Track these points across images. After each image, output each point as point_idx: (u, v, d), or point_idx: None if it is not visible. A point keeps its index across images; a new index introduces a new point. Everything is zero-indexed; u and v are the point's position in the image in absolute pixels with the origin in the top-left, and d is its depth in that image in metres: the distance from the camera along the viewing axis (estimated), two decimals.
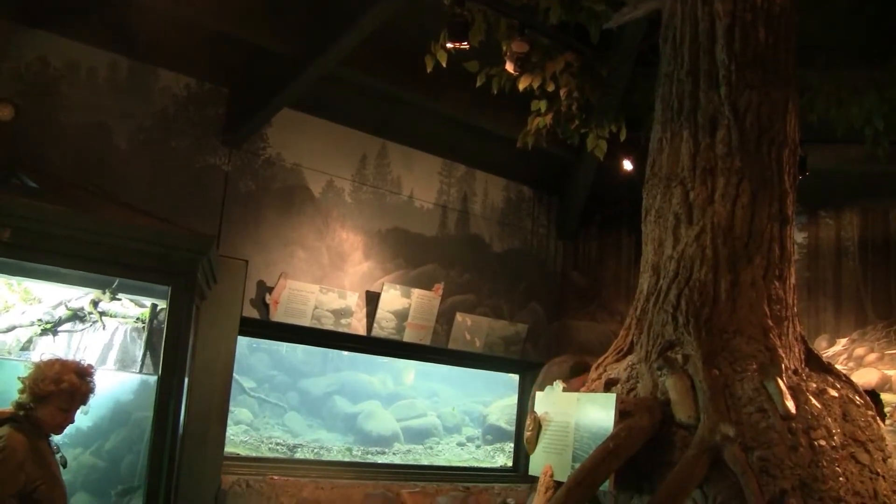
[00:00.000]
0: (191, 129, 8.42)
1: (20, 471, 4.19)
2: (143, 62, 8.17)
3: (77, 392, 4.49)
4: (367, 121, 9.61)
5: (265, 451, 11.68)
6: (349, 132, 9.55)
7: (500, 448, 12.95)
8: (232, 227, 8.58)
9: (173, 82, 8.34)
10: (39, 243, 6.21)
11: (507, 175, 10.86)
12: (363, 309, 9.42)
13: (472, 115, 9.47)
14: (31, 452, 4.30)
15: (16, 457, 4.20)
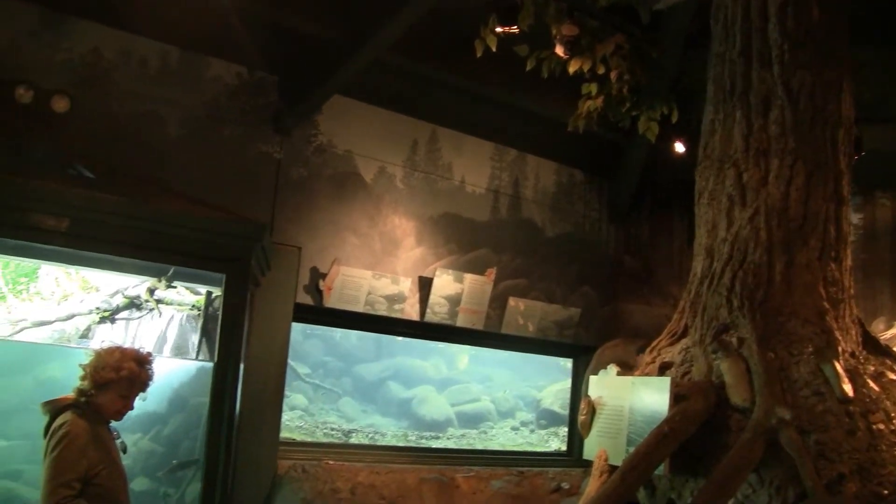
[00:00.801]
0: (242, 118, 8.46)
1: (83, 456, 4.25)
2: (194, 51, 8.22)
3: (136, 379, 4.55)
4: (418, 106, 9.60)
5: (320, 436, 11.76)
6: (399, 118, 9.55)
7: (554, 432, 12.93)
8: (285, 215, 8.63)
9: (224, 71, 8.38)
10: (96, 233, 6.28)
11: (559, 159, 10.81)
12: (416, 294, 9.44)
13: (523, 100, 9.44)
14: (92, 438, 4.37)
15: (78, 442, 4.27)
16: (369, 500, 8.45)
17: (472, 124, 9.99)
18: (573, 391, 11.22)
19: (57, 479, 4.16)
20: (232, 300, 6.86)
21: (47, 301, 8.32)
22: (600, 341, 10.37)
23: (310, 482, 8.30)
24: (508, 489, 9.42)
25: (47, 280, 8.40)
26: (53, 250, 6.68)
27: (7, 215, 6.00)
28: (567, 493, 9.62)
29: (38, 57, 7.41)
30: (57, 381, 8.53)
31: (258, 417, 8.06)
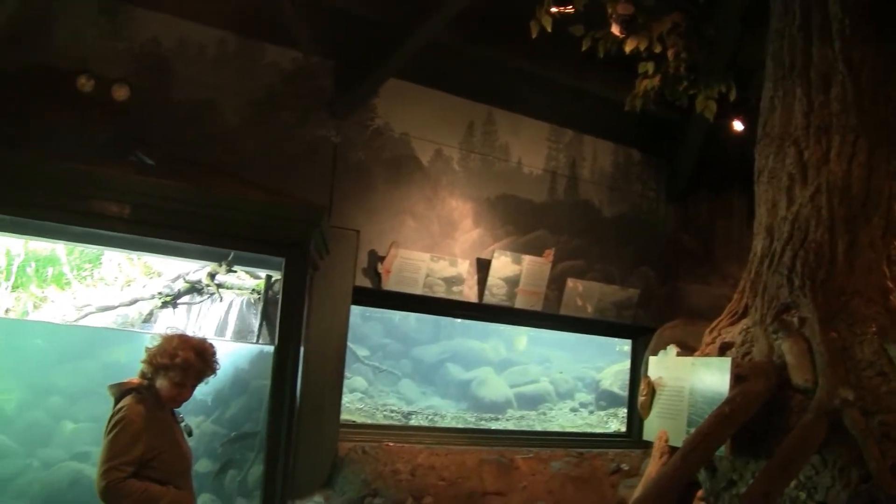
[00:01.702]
0: (299, 103, 8.50)
1: (138, 440, 4.31)
2: (250, 38, 8.27)
3: (191, 368, 4.58)
4: (474, 88, 9.58)
5: (380, 418, 11.84)
6: (455, 100, 9.54)
7: (614, 413, 12.90)
8: (343, 198, 8.67)
9: (280, 56, 8.43)
10: (157, 219, 6.36)
11: (616, 139, 10.74)
12: (474, 276, 9.45)
13: (579, 80, 9.39)
14: (150, 422, 4.42)
15: (133, 427, 4.33)
16: (429, 482, 8.49)
17: (529, 105, 9.96)
18: (632, 372, 11.18)
19: (110, 461, 4.24)
20: (291, 284, 6.91)
21: (111, 287, 8.45)
22: (659, 322, 10.31)
23: (370, 464, 8.36)
24: (568, 470, 9.42)
25: (110, 266, 8.53)
26: (116, 236, 6.76)
27: (71, 203, 6.09)
28: (626, 475, 9.60)
29: (99, 47, 7.50)
30: (122, 364, 8.68)
31: (319, 400, 8.13)
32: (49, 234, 7.15)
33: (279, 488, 6.80)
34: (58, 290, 9.02)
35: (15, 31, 7.16)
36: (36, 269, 8.92)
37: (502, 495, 8.83)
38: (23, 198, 5.96)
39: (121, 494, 4.22)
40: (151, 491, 4.29)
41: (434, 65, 9.01)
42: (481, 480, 8.82)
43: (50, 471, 7.81)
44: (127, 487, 4.22)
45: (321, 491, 8.14)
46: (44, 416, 8.74)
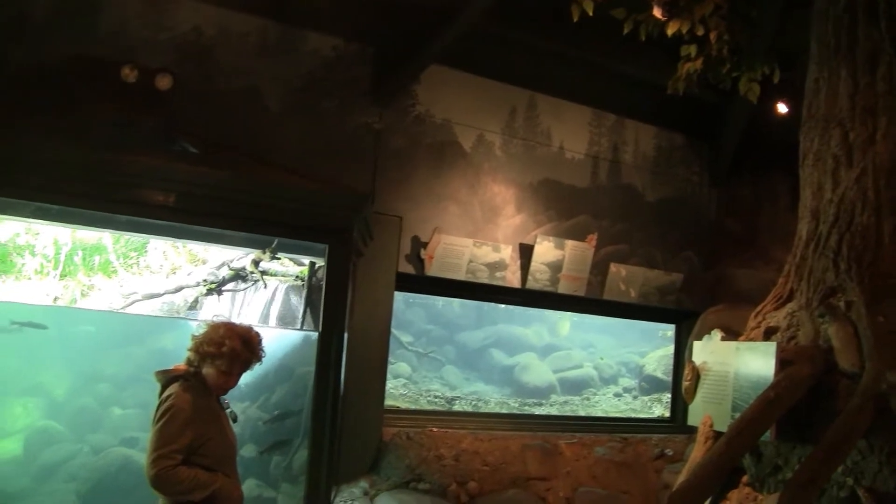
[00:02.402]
0: (340, 90, 8.53)
1: (186, 428, 4.35)
2: (291, 25, 8.29)
3: (237, 357, 4.61)
4: (515, 73, 9.56)
5: (424, 403, 11.88)
6: (497, 85, 9.53)
7: (658, 398, 12.86)
8: (385, 185, 8.69)
9: (321, 44, 8.45)
10: (202, 207, 6.41)
11: (658, 123, 10.68)
12: (517, 261, 9.44)
13: (621, 64, 9.34)
14: (198, 410, 4.46)
15: (182, 415, 4.37)
16: (473, 467, 8.51)
17: (570, 90, 9.92)
18: (676, 357, 11.14)
19: (159, 449, 4.28)
20: (335, 270, 6.94)
21: (156, 274, 8.53)
22: (703, 307, 10.26)
23: (414, 449, 8.39)
24: (612, 455, 9.40)
25: (156, 254, 8.61)
26: (161, 225, 6.82)
27: (116, 192, 6.15)
28: (671, 460, 9.57)
29: (142, 37, 7.57)
30: (168, 351, 8.78)
31: (363, 385, 8.17)
32: (96, 224, 7.22)
33: (324, 473, 6.84)
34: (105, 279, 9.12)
35: (60, 22, 7.24)
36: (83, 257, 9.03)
37: (546, 480, 8.84)
38: (69, 188, 6.03)
39: (171, 482, 4.26)
40: (201, 478, 4.34)
41: (475, 50, 8.99)
42: (525, 466, 8.82)
43: (99, 456, 7.92)
44: (177, 475, 4.27)
45: (366, 476, 8.19)
46: (92, 403, 8.87)
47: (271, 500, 7.53)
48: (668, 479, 8.96)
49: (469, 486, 8.32)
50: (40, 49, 7.05)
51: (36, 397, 8.91)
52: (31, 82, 6.89)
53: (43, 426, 8.66)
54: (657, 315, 11.09)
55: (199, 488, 4.34)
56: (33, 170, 5.89)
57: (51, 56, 6.98)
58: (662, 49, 7.87)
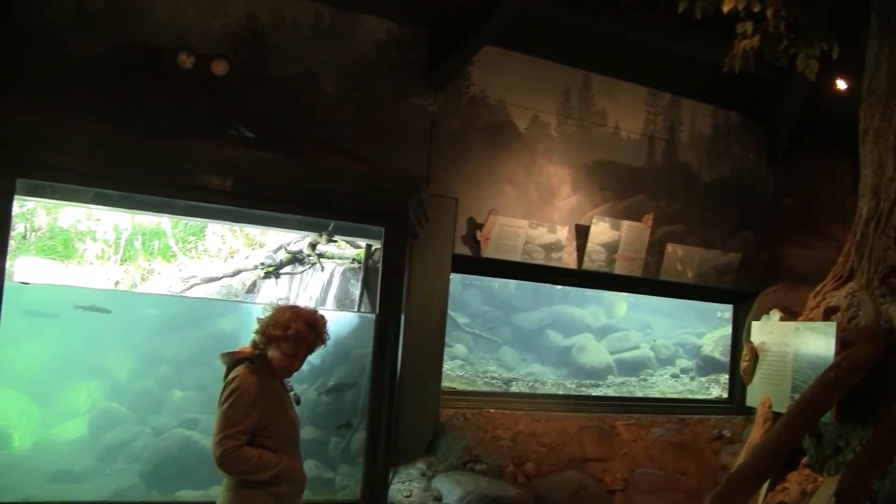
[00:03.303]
0: (394, 73, 8.54)
1: (251, 410, 4.40)
2: (345, 9, 8.31)
3: (303, 340, 4.64)
4: (569, 54, 9.51)
5: (481, 385, 11.90)
6: (551, 66, 9.49)
7: (715, 379, 12.78)
8: (440, 167, 8.70)
9: (375, 27, 8.46)
10: (258, 191, 6.48)
11: (714, 101, 10.57)
12: (573, 242, 9.42)
13: (676, 42, 9.25)
14: (262, 392, 4.50)
15: (247, 397, 4.42)
16: (530, 448, 8.53)
17: (625, 70, 9.86)
18: (734, 337, 11.06)
19: (224, 430, 4.33)
20: (391, 252, 6.97)
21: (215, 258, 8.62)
22: (761, 287, 10.18)
23: (471, 430, 8.42)
24: (669, 437, 9.37)
25: (214, 238, 8.70)
26: (219, 209, 6.91)
27: (175, 177, 6.23)
28: (729, 441, 9.52)
29: (197, 24, 7.63)
30: (227, 334, 8.88)
31: (420, 367, 8.20)
32: (154, 209, 7.33)
33: (382, 455, 6.89)
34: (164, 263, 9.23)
35: (118, 10, 7.33)
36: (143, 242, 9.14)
37: (603, 461, 8.84)
38: (129, 174, 6.11)
39: (236, 462, 4.32)
40: (265, 459, 4.39)
41: (529, 31, 8.96)
42: (582, 447, 8.83)
43: (161, 437, 8.03)
44: (242, 455, 4.32)
45: (423, 457, 8.23)
46: (154, 385, 8.99)
47: (330, 480, 7.60)
48: (726, 461, 8.93)
49: (526, 467, 8.34)
50: (98, 38, 7.13)
51: (99, 380, 9.06)
52: (90, 71, 6.98)
53: (106, 408, 8.80)
54: (714, 295, 11.02)
55: (264, 469, 4.39)
56: (93, 156, 5.97)
57: (108, 44, 7.08)
58: (718, 27, 7.79)
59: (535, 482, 8.25)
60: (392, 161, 7.93)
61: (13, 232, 6.28)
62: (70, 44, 7.03)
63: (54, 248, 8.84)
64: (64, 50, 7.00)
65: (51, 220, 8.78)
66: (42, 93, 6.68)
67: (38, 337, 8.60)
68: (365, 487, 6.86)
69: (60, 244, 8.86)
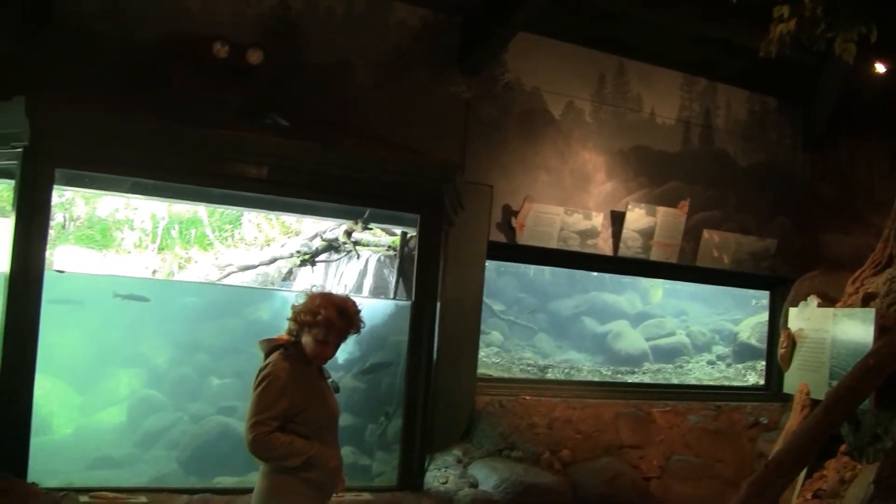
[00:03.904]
0: (428, 60, 8.52)
1: (282, 396, 4.40)
2: None
3: (332, 327, 4.60)
4: (604, 39, 9.46)
5: (516, 371, 11.90)
6: (586, 52, 9.45)
7: (752, 366, 12.72)
8: (475, 154, 8.69)
9: (408, 15, 8.44)
10: (294, 179, 6.51)
11: (750, 87, 10.49)
12: (608, 229, 9.39)
13: (711, 27, 9.18)
14: (295, 378, 4.50)
15: (278, 383, 4.42)
16: (566, 435, 8.53)
17: (660, 55, 9.80)
18: (771, 324, 10.99)
19: (255, 416, 4.35)
20: (427, 240, 6.99)
21: (251, 246, 8.67)
22: (798, 273, 10.10)
23: (507, 417, 8.43)
24: (705, 424, 9.34)
25: (250, 226, 8.75)
26: (255, 197, 6.95)
27: (211, 166, 6.27)
28: (766, 428, 9.47)
29: (232, 13, 7.64)
30: (263, 322, 8.93)
31: (456, 354, 8.21)
32: (191, 197, 7.38)
33: (418, 442, 6.92)
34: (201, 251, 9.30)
35: (152, 1, 7.36)
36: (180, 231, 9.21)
37: (639, 448, 8.82)
38: (166, 163, 6.16)
39: (267, 447, 4.34)
40: (296, 445, 4.40)
41: (563, 17, 8.92)
42: (618, 433, 8.82)
43: (199, 424, 8.09)
44: (272, 441, 4.34)
45: (459, 444, 8.24)
46: (191, 372, 9.05)
47: (366, 467, 7.63)
48: (763, 448, 8.88)
49: (562, 454, 8.34)
50: (133, 29, 7.17)
51: (138, 367, 9.14)
52: (126, 62, 7.02)
53: (145, 395, 8.88)
54: (751, 281, 10.96)
55: (294, 455, 4.40)
56: (130, 146, 6.03)
57: (143, 35, 7.12)
58: (754, 11, 7.73)
59: (571, 469, 8.24)
60: (427, 149, 7.93)
61: (52, 221, 6.34)
62: (106, 35, 7.07)
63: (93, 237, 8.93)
64: (100, 41, 7.04)
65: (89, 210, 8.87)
66: (79, 84, 6.73)
67: (78, 325, 8.67)
68: (401, 474, 6.90)
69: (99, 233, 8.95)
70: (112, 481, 6.56)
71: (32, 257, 5.73)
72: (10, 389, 5.66)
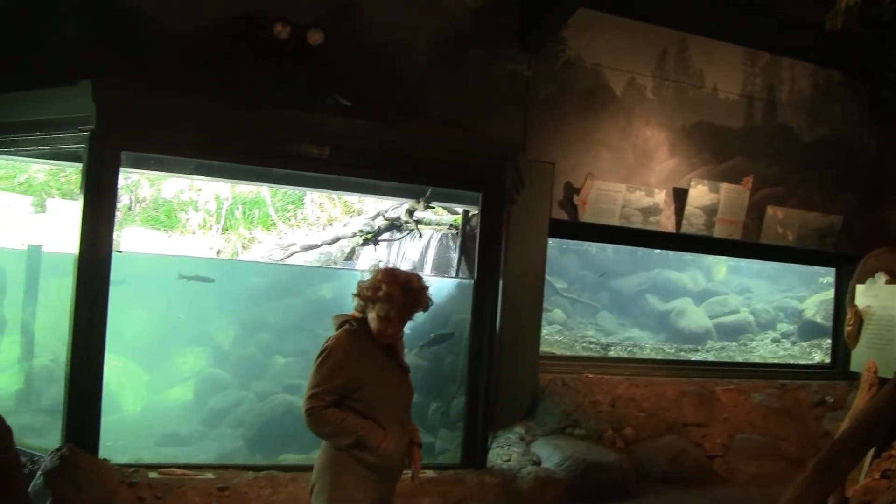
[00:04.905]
0: (487, 39, 8.50)
1: (338, 370, 4.36)
2: None
3: (394, 303, 4.51)
4: (665, 14, 9.36)
5: (579, 349, 11.88)
6: (647, 28, 9.36)
7: (817, 344, 12.58)
8: (536, 132, 8.66)
9: None
10: (356, 158, 6.54)
11: (815, 60, 10.32)
12: (671, 206, 9.33)
13: (775, 0, 9.07)
14: (354, 354, 4.45)
15: (334, 357, 4.39)
16: (629, 413, 8.51)
17: (723, 30, 9.67)
18: (836, 301, 10.86)
19: (312, 389, 4.33)
20: (489, 218, 6.98)
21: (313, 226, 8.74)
22: (864, 249, 9.92)
23: (570, 395, 8.42)
24: (770, 402, 9.26)
25: (312, 206, 8.81)
26: (317, 177, 7.00)
27: (273, 146, 6.32)
28: (832, 407, 9.37)
29: None
30: (326, 301, 8.99)
31: (518, 332, 8.22)
32: (254, 178, 7.44)
33: (481, 420, 6.94)
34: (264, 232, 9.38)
35: None
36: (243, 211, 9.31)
37: (703, 427, 8.78)
38: (229, 144, 6.22)
39: (318, 422, 4.31)
40: (349, 422, 4.33)
41: None
42: (681, 412, 8.78)
43: (264, 402, 8.17)
44: (326, 416, 4.31)
45: (522, 422, 8.26)
46: (255, 352, 9.14)
47: (429, 445, 7.66)
48: (829, 427, 8.79)
49: (625, 432, 8.32)
50: (194, 10, 7.23)
51: (204, 346, 9.25)
52: (188, 43, 7.08)
53: (211, 374, 8.99)
54: (815, 258, 10.83)
55: (345, 434, 4.33)
56: (194, 128, 6.09)
57: (205, 18, 7.17)
58: None
59: (634, 447, 8.23)
60: (487, 127, 7.92)
61: (119, 204, 6.43)
62: (167, 19, 7.13)
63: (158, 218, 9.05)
64: (162, 25, 7.10)
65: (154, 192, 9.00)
66: (142, 68, 6.82)
67: (144, 305, 8.80)
68: (464, 452, 6.93)
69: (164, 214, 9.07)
70: (179, 458, 6.66)
71: (100, 239, 5.83)
72: (81, 369, 5.77)
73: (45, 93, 6.06)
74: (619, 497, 7.53)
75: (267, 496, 6.01)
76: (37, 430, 6.51)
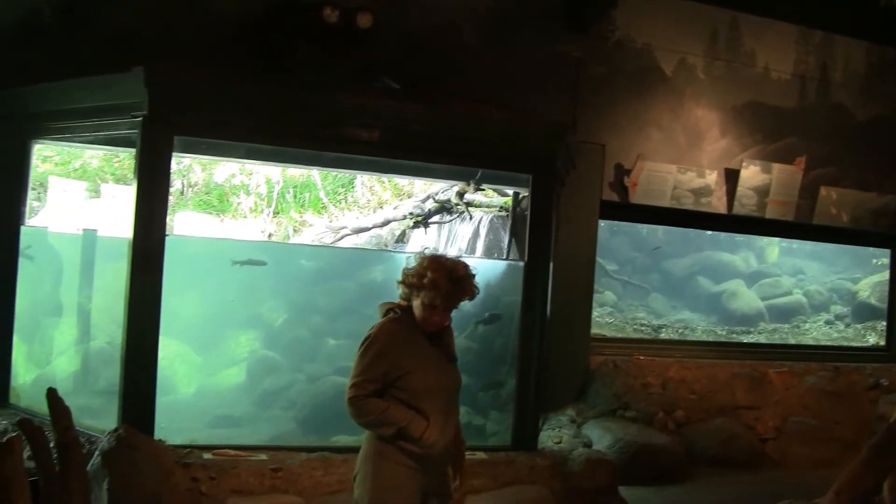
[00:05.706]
0: (536, 19, 8.47)
1: (381, 359, 4.31)
2: None
3: (439, 290, 4.43)
4: None
5: (630, 332, 11.85)
6: (698, 7, 9.26)
7: (872, 327, 12.45)
8: (586, 113, 8.62)
9: None
10: (406, 141, 6.53)
11: (870, 38, 10.15)
12: (722, 187, 9.25)
13: None
14: (397, 342, 4.40)
15: (377, 346, 4.35)
16: (680, 395, 8.48)
17: (774, 8, 9.55)
18: (892, 283, 10.74)
19: (353, 378, 4.30)
20: (539, 200, 6.95)
21: (364, 209, 8.77)
22: None
23: (621, 377, 8.41)
24: (823, 385, 9.18)
25: (363, 189, 8.84)
26: (367, 160, 7.01)
27: (324, 130, 6.33)
28: (887, 390, 9.28)
29: None
30: (376, 284, 9.02)
31: (569, 314, 8.21)
32: (304, 162, 7.48)
33: (532, 402, 6.94)
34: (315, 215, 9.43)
35: None
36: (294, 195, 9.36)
37: (755, 409, 8.73)
38: (279, 128, 6.24)
39: (360, 411, 4.27)
40: (391, 413, 4.27)
41: None
42: (733, 394, 8.73)
43: (315, 384, 8.21)
44: (367, 405, 4.27)
45: (573, 404, 8.26)
46: (307, 334, 9.18)
47: (480, 427, 7.67)
48: (884, 410, 8.72)
49: (676, 415, 8.30)
50: None
51: (256, 329, 9.31)
52: (238, 28, 7.13)
53: (263, 356, 9.05)
54: (870, 239, 10.71)
55: (386, 424, 4.28)
56: (245, 112, 6.12)
57: (255, 1, 7.21)
58: None
59: (685, 430, 8.21)
60: (537, 109, 7.89)
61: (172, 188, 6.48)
62: (219, 4, 7.17)
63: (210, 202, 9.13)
64: (211, 9, 7.15)
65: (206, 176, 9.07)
66: (193, 53, 6.87)
67: (197, 288, 8.87)
68: (515, 434, 6.93)
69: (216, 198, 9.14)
70: (233, 439, 6.71)
71: (154, 223, 5.88)
72: (136, 351, 5.84)
73: (99, 79, 6.10)
74: (670, 480, 7.52)
75: (319, 477, 6.05)
76: (94, 411, 6.59)
